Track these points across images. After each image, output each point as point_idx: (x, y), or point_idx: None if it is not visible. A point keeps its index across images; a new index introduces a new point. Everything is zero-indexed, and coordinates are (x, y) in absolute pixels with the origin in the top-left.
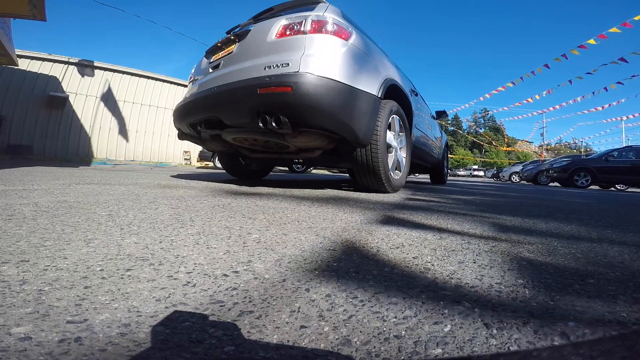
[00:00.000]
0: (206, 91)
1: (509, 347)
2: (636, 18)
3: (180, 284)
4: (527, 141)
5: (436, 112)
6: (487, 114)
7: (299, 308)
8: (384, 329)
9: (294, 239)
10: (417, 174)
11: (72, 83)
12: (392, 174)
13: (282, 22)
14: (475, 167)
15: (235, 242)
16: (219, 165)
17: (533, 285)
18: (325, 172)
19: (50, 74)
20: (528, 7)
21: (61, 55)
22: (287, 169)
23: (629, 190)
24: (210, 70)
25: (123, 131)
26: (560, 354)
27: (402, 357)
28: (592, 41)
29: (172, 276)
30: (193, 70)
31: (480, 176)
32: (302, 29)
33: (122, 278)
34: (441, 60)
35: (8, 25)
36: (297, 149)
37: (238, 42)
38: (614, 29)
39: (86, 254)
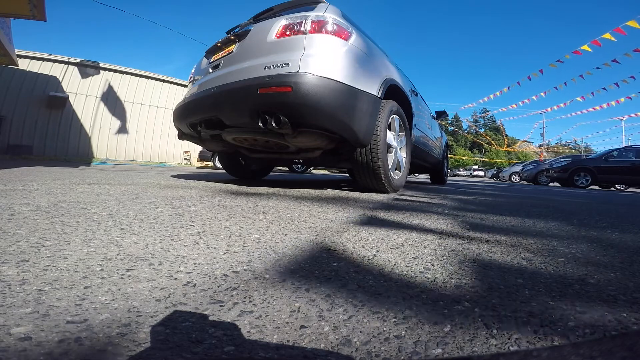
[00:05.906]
0: (206, 91)
1: (509, 347)
2: (628, 24)
3: (180, 284)
4: (527, 141)
5: (436, 112)
6: (487, 114)
7: (299, 308)
8: (384, 328)
9: (294, 239)
10: (417, 174)
11: (72, 83)
12: (392, 174)
13: (282, 22)
14: (475, 167)
15: (235, 242)
16: (219, 165)
17: (533, 285)
18: (325, 172)
19: (50, 74)
20: (528, 7)
21: (61, 55)
22: (287, 169)
23: (629, 190)
24: (210, 70)
25: (123, 131)
26: (560, 354)
27: (402, 357)
28: (586, 47)
29: (172, 276)
30: (193, 70)
31: (480, 176)
32: (302, 29)
33: (122, 278)
34: (441, 60)
35: (8, 25)
36: (297, 149)
37: (238, 42)
38: (607, 35)
39: (86, 254)
